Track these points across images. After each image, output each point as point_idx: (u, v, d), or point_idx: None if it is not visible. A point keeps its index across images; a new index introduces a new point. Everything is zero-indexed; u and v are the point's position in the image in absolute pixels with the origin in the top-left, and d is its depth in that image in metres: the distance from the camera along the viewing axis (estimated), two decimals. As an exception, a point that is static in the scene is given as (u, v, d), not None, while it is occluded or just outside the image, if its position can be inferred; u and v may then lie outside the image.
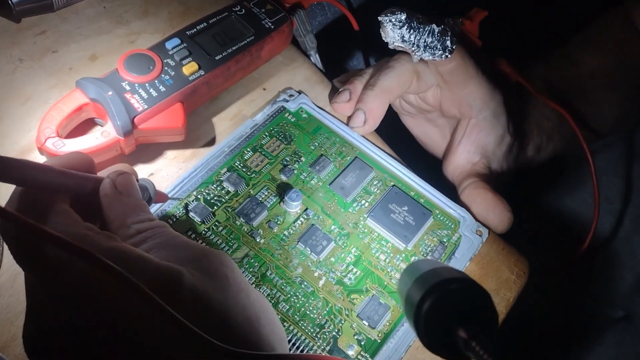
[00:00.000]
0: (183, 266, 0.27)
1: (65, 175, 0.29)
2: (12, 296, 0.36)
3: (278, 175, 0.43)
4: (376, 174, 0.44)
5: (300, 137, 0.45)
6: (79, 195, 0.30)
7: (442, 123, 0.49)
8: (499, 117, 0.46)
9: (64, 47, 0.46)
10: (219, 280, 0.27)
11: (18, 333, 0.34)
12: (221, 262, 0.29)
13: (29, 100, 0.43)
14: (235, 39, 0.45)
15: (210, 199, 0.41)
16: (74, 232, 0.27)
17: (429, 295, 0.22)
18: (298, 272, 0.39)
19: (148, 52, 0.41)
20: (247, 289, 0.29)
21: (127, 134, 0.38)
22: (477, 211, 0.43)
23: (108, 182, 0.30)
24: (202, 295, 0.26)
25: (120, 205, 0.30)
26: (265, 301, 0.30)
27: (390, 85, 0.44)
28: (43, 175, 0.27)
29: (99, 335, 0.24)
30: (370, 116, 0.45)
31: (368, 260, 0.40)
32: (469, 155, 0.47)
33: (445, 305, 0.21)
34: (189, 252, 0.28)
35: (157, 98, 0.40)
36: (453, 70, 0.43)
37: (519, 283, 0.41)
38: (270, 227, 0.40)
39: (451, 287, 0.22)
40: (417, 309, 0.22)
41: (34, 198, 0.28)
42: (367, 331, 0.37)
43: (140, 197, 0.31)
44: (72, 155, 0.31)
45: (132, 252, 0.26)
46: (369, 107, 0.45)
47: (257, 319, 0.28)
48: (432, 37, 0.41)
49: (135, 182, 0.31)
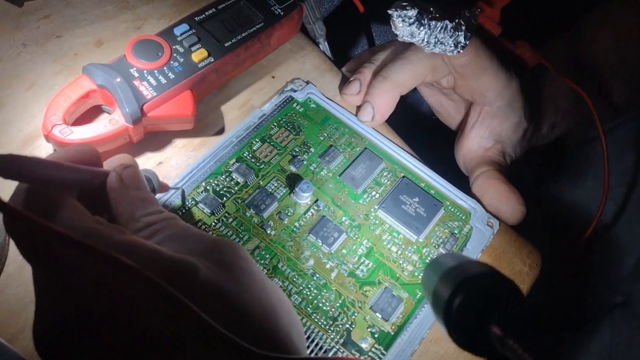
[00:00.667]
0: (196, 258, 0.26)
1: (75, 170, 0.28)
2: (20, 286, 0.35)
3: (287, 166, 0.42)
4: (386, 165, 0.44)
5: (309, 128, 0.45)
6: (86, 190, 0.29)
7: (457, 98, 0.48)
8: (514, 105, 0.45)
9: (69, 32, 0.45)
10: (234, 272, 0.27)
11: (26, 324, 0.34)
12: (235, 253, 0.28)
13: (33, 86, 0.42)
14: (245, 25, 0.44)
15: (219, 190, 0.40)
16: (84, 226, 0.26)
17: (458, 291, 0.21)
18: (310, 264, 0.38)
19: (156, 38, 0.41)
20: (262, 280, 0.28)
21: (136, 121, 0.38)
22: (488, 203, 0.43)
23: (114, 175, 0.29)
24: (217, 288, 0.25)
25: (128, 198, 0.29)
26: (281, 292, 0.29)
27: (403, 80, 0.44)
28: (55, 172, 0.26)
29: (110, 333, 0.24)
30: (378, 111, 0.44)
31: (380, 252, 0.40)
32: (482, 140, 0.46)
33: (475, 301, 0.21)
34: (201, 244, 0.28)
35: (166, 85, 0.39)
36: (465, 64, 0.43)
37: (531, 275, 0.41)
38: (280, 218, 0.40)
39: (481, 282, 0.21)
40: (447, 306, 0.21)
41: (41, 192, 0.27)
42: (380, 323, 0.37)
43: (148, 190, 0.30)
44: (80, 147, 0.30)
45: (144, 246, 0.25)
46: (378, 101, 0.44)
47: (273, 311, 0.27)
48: (444, 32, 0.40)
49: (141, 175, 0.30)
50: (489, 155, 0.46)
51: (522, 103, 0.45)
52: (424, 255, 0.40)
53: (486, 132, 0.46)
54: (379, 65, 0.46)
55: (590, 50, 0.52)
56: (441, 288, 0.22)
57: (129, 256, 0.22)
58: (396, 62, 0.44)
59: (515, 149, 0.47)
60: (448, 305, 0.21)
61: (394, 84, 0.44)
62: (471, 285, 0.21)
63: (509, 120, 0.45)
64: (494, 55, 0.43)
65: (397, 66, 0.44)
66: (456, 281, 0.21)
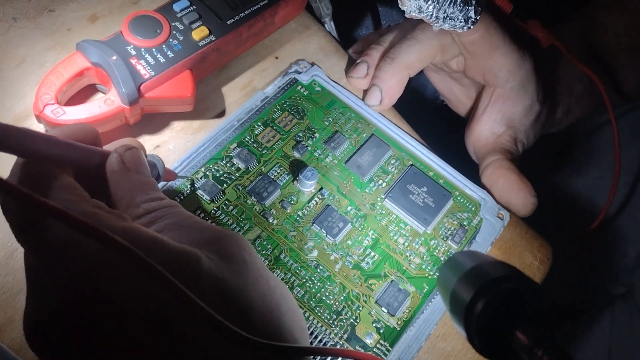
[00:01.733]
0: (198, 249, 0.25)
1: (70, 147, 0.26)
2: (9, 275, 0.33)
3: (291, 151, 0.40)
4: (393, 153, 0.42)
5: (313, 112, 0.43)
6: (83, 170, 0.27)
7: (467, 83, 0.46)
8: (527, 86, 0.43)
9: (62, 6, 0.42)
10: (237, 265, 0.25)
11: (15, 316, 0.32)
12: (238, 245, 0.26)
13: (24, 62, 0.40)
14: (248, 2, 0.41)
15: (219, 175, 0.38)
16: (82, 210, 0.24)
17: (480, 295, 0.20)
18: (313, 256, 0.37)
19: (155, 14, 0.38)
20: (266, 274, 0.27)
21: (133, 102, 0.36)
22: (499, 194, 0.41)
23: (115, 156, 0.28)
24: (220, 281, 0.24)
25: (129, 182, 0.27)
26: (285, 287, 0.28)
27: (411, 61, 0.42)
28: (46, 146, 0.24)
29: (106, 324, 0.22)
30: (386, 94, 0.42)
31: (386, 243, 0.38)
32: (494, 125, 0.44)
33: (498, 306, 0.20)
34: (203, 234, 0.26)
35: (164, 64, 0.37)
36: (476, 41, 0.40)
37: (542, 269, 0.39)
38: (283, 207, 0.38)
39: (505, 285, 0.20)
40: (468, 310, 0.20)
41: (38, 170, 0.25)
42: (386, 318, 0.35)
43: (149, 175, 0.29)
44: (77, 126, 0.28)
45: (145, 233, 0.24)
46: (387, 84, 0.42)
47: (277, 307, 0.26)
48: (454, 7, 0.37)
49: (144, 158, 0.29)
50: (501, 142, 0.44)
51: (535, 85, 0.43)
52: (432, 248, 0.38)
53: (498, 116, 0.44)
54: (386, 47, 0.44)
55: (602, 36, 0.50)
56: (461, 290, 0.21)
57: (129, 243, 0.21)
58: (404, 42, 0.42)
59: (527, 134, 0.45)
60: (469, 310, 0.20)
61: (402, 65, 0.42)
62: (494, 289, 0.20)
63: (522, 102, 0.43)
64: (506, 33, 0.41)
65: (405, 46, 0.42)
66: (478, 284, 0.20)
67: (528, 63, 0.43)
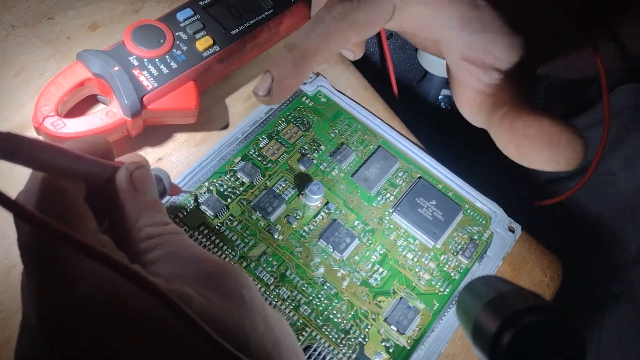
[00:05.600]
0: (194, 284, 0.24)
1: (83, 160, 0.25)
2: (6, 292, 0.32)
3: (296, 165, 0.39)
4: (401, 165, 0.41)
5: (319, 124, 0.42)
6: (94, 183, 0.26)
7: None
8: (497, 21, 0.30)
9: (61, 14, 0.41)
10: (234, 302, 0.24)
11: (12, 335, 0.31)
12: (237, 281, 0.25)
13: (22, 71, 0.39)
14: (253, 12, 0.40)
15: (223, 190, 0.37)
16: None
17: (507, 327, 0.19)
18: (320, 272, 0.36)
19: (158, 24, 0.37)
20: (264, 311, 0.26)
21: (135, 114, 0.35)
22: (532, 149, 0.28)
23: (124, 174, 0.27)
24: (212, 320, 0.23)
25: (134, 203, 0.26)
26: (285, 324, 0.27)
27: (316, 47, 0.30)
28: (58, 159, 0.23)
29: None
30: (279, 86, 0.30)
31: (394, 259, 0.37)
32: (480, 75, 0.31)
33: (525, 339, 0.19)
34: (201, 267, 0.25)
35: (168, 75, 0.36)
36: None
37: (552, 286, 0.39)
38: (289, 222, 0.37)
39: (533, 317, 0.19)
40: (494, 343, 0.19)
41: (57, 189, 0.24)
42: (395, 337, 0.34)
43: (157, 195, 0.28)
44: (93, 139, 0.27)
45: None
46: (280, 75, 0.30)
47: (275, 348, 0.25)
48: None
49: (153, 178, 0.27)
50: (499, 87, 0.30)
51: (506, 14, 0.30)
52: (442, 263, 0.38)
53: (479, 69, 0.31)
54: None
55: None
56: (485, 320, 0.20)
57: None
58: (306, 24, 0.31)
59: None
60: (494, 343, 0.19)
61: (302, 53, 0.31)
62: (521, 321, 0.19)
63: (499, 43, 0.30)
64: None
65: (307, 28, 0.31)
66: (504, 315, 0.19)
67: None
